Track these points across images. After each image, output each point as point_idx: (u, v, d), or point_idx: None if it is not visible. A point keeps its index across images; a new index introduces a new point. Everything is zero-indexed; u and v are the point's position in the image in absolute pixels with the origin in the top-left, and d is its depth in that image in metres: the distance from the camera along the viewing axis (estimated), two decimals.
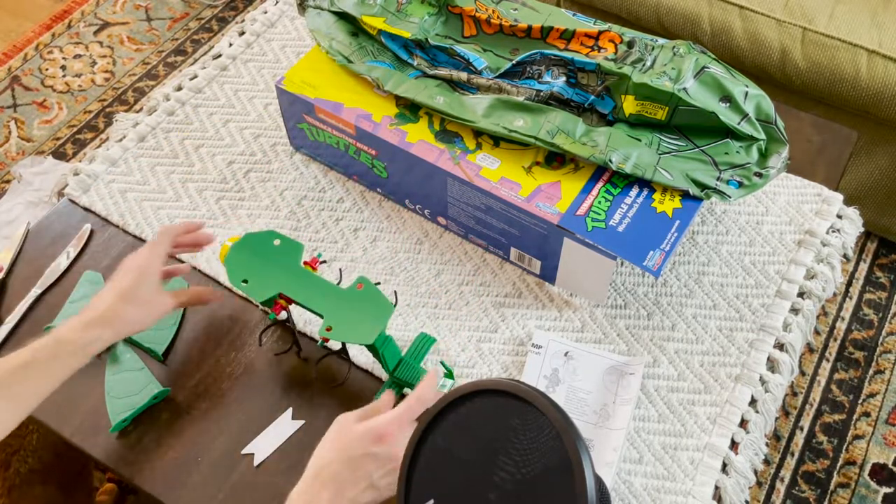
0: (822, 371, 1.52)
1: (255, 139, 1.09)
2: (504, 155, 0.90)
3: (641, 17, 1.54)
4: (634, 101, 0.88)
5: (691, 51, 0.89)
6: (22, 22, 2.20)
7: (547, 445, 0.64)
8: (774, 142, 0.88)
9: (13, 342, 0.91)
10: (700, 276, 0.94)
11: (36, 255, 0.99)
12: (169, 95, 1.14)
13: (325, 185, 1.04)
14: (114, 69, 2.08)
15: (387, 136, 0.92)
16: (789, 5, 1.44)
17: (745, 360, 0.87)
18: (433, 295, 0.94)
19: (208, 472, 0.81)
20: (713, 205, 1.00)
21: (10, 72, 2.08)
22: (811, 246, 0.96)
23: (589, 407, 0.83)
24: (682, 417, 0.84)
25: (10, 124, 1.97)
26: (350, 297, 0.80)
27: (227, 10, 2.23)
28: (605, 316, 0.91)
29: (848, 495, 1.37)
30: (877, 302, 1.60)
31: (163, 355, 0.89)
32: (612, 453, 0.79)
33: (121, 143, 1.09)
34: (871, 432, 1.44)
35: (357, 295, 0.80)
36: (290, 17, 1.23)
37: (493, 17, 0.98)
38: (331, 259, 0.97)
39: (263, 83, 1.15)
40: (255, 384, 0.87)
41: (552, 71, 0.93)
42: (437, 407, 0.70)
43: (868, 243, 1.68)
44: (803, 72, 1.42)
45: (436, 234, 0.99)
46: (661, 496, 0.79)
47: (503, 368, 0.88)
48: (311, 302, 0.81)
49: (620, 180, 0.88)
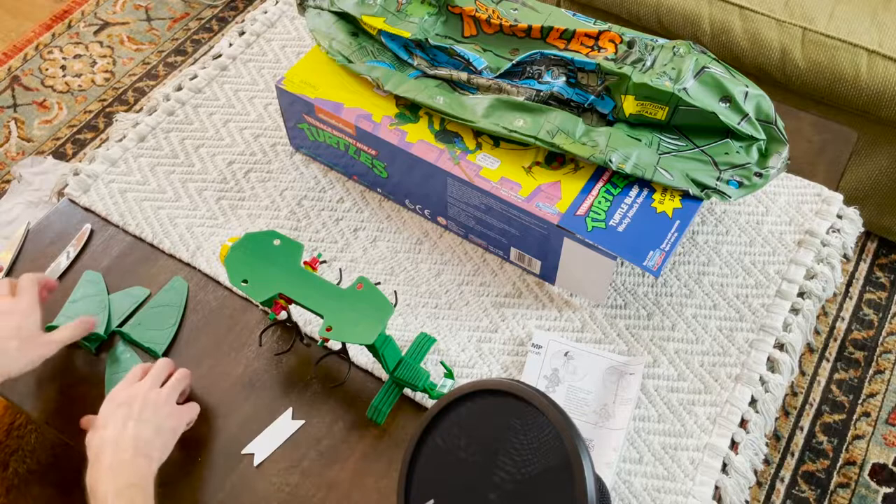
0: (822, 371, 1.52)
1: (255, 139, 1.09)
2: (504, 155, 0.90)
3: (641, 17, 1.54)
4: (634, 101, 0.88)
5: (691, 51, 0.89)
6: (22, 22, 2.20)
7: (547, 445, 0.64)
8: (774, 142, 0.88)
9: None
10: (700, 276, 0.94)
11: (36, 255, 0.99)
12: (169, 95, 1.14)
13: (325, 185, 1.04)
14: (114, 69, 2.08)
15: (387, 136, 0.92)
16: (789, 5, 1.44)
17: (745, 360, 0.87)
18: (433, 295, 0.94)
19: (208, 472, 0.81)
20: (713, 205, 1.00)
21: (10, 72, 2.08)
22: (811, 246, 0.96)
23: (589, 407, 0.83)
24: (682, 417, 0.84)
25: (10, 124, 1.97)
26: (350, 298, 0.80)
27: (227, 10, 2.23)
28: (605, 316, 0.91)
29: (848, 495, 1.37)
30: (877, 302, 1.60)
31: (162, 355, 0.89)
32: (612, 453, 0.79)
33: (121, 143, 1.09)
34: (871, 432, 1.44)
35: (357, 295, 0.80)
36: (290, 17, 1.23)
37: (493, 17, 0.98)
38: (331, 259, 0.97)
39: (263, 83, 1.15)
40: (254, 384, 0.87)
41: (552, 71, 0.93)
42: (438, 407, 0.70)
43: (868, 243, 1.68)
44: (803, 72, 1.42)
45: (436, 234, 0.99)
46: (661, 496, 0.79)
47: (503, 368, 0.88)
48: (311, 302, 0.81)
49: (620, 180, 0.88)
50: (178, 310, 0.92)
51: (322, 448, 0.83)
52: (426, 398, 0.85)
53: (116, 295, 0.94)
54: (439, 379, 0.84)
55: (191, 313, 0.93)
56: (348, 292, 0.80)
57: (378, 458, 0.82)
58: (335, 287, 0.81)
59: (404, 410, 0.85)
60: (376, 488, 0.80)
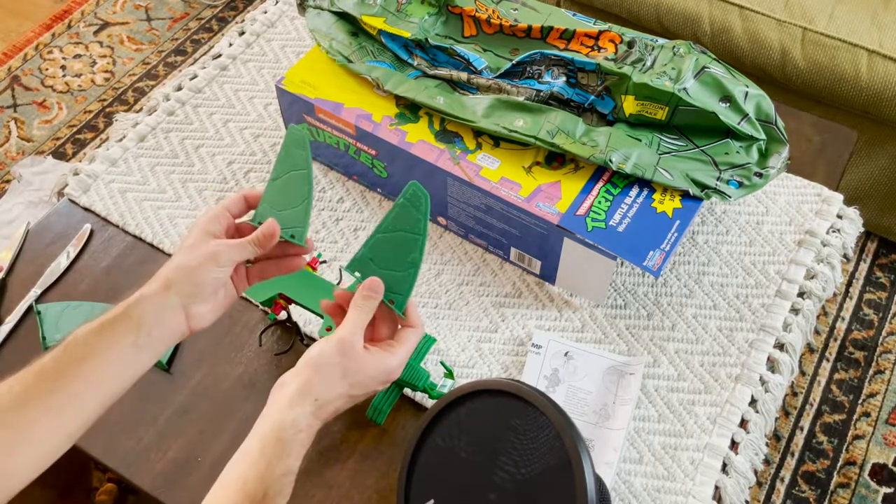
0: (822, 371, 1.52)
1: (255, 139, 1.09)
2: (504, 155, 0.90)
3: (641, 17, 1.54)
4: (634, 101, 0.88)
5: (691, 51, 0.89)
6: (22, 22, 2.20)
7: (547, 445, 0.64)
8: (774, 142, 0.88)
9: (13, 342, 0.91)
10: (700, 276, 0.94)
11: (36, 255, 0.99)
12: (169, 95, 1.14)
13: (325, 185, 1.04)
14: (114, 69, 2.08)
15: (387, 136, 0.92)
16: (789, 5, 1.44)
17: (745, 360, 0.87)
18: (433, 295, 0.94)
19: (208, 472, 0.81)
20: (713, 205, 1.00)
21: (10, 72, 2.08)
22: (811, 246, 0.96)
23: (589, 407, 0.83)
24: (682, 417, 0.84)
25: (10, 124, 1.97)
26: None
27: (227, 10, 2.23)
28: (605, 316, 0.91)
29: (848, 495, 1.37)
30: (877, 302, 1.60)
31: (167, 364, 0.89)
32: (612, 453, 0.79)
33: (121, 143, 1.09)
34: (871, 432, 1.44)
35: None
36: (290, 17, 1.23)
37: (493, 17, 0.98)
38: (331, 259, 0.97)
39: (263, 83, 1.15)
40: (254, 384, 0.87)
41: (552, 71, 0.93)
42: (437, 407, 0.70)
43: (868, 243, 1.68)
44: (803, 72, 1.42)
45: (436, 234, 0.99)
46: (661, 496, 0.79)
47: (503, 368, 0.88)
48: (311, 302, 0.81)
49: (620, 180, 0.88)
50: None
51: (322, 448, 0.83)
52: (426, 398, 0.85)
53: (97, 305, 0.92)
54: (439, 379, 0.84)
55: None
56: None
57: (378, 458, 0.82)
58: (335, 287, 0.81)
59: (404, 410, 0.85)
60: (376, 488, 0.80)
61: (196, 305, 0.65)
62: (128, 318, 0.62)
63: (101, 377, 0.61)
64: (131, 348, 0.62)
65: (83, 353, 0.60)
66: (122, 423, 0.84)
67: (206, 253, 0.65)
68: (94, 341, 0.61)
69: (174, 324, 0.65)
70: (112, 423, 0.84)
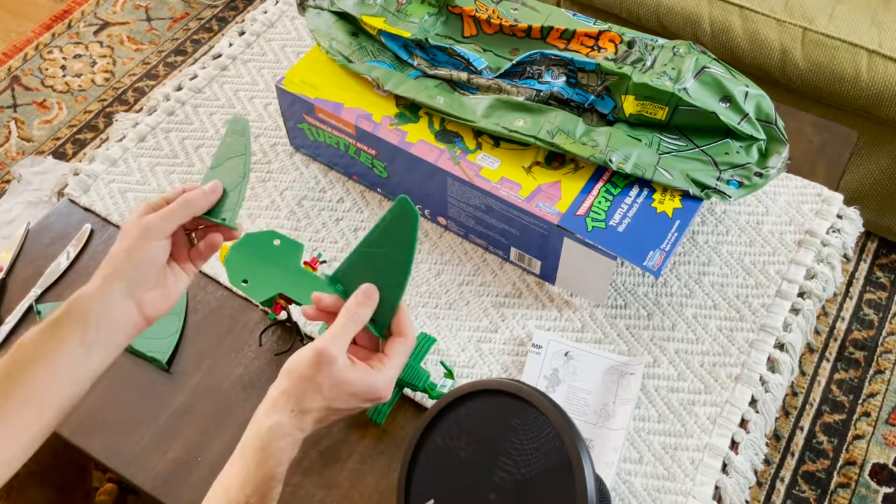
0: (822, 371, 1.52)
1: (255, 139, 1.08)
2: (504, 155, 0.90)
3: (641, 17, 1.54)
4: (634, 101, 0.88)
5: (691, 51, 0.89)
6: (22, 22, 2.20)
7: (547, 445, 0.64)
8: (774, 142, 0.88)
9: (13, 342, 0.90)
10: (700, 276, 0.94)
11: (36, 255, 0.99)
12: (169, 95, 1.14)
13: (325, 185, 1.04)
14: (114, 69, 2.08)
15: (387, 136, 0.92)
16: (789, 5, 1.44)
17: (745, 360, 0.87)
18: (433, 295, 0.94)
19: (208, 472, 0.81)
20: (713, 205, 1.00)
21: (10, 72, 2.08)
22: (811, 246, 0.96)
23: (589, 407, 0.83)
24: (682, 417, 0.84)
25: (10, 124, 1.97)
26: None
27: (227, 10, 2.23)
28: (605, 316, 0.91)
29: (848, 495, 1.37)
30: (877, 302, 1.60)
31: (167, 364, 0.89)
32: (612, 453, 0.79)
33: (121, 143, 1.09)
34: (871, 432, 1.44)
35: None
36: (290, 17, 1.23)
37: (493, 17, 0.98)
38: (331, 259, 0.97)
39: (263, 83, 1.15)
40: (254, 384, 0.87)
41: (552, 71, 0.93)
42: (438, 407, 0.70)
43: (868, 243, 1.68)
44: (803, 72, 1.42)
45: (436, 234, 0.99)
46: (661, 496, 0.79)
47: (503, 368, 0.88)
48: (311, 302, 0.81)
49: (620, 180, 0.88)
50: (179, 317, 0.92)
51: (322, 448, 0.83)
52: (426, 398, 0.85)
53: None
54: (439, 379, 0.84)
55: (191, 313, 0.93)
56: None
57: (378, 458, 0.82)
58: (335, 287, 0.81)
59: (404, 410, 0.85)
60: (376, 488, 0.80)
61: (144, 291, 0.64)
62: (70, 316, 0.61)
63: (51, 379, 0.59)
64: (80, 347, 0.60)
65: (32, 356, 0.59)
66: (122, 423, 0.85)
67: (137, 229, 0.63)
68: (41, 343, 0.60)
69: (124, 315, 0.63)
70: (112, 423, 0.85)
